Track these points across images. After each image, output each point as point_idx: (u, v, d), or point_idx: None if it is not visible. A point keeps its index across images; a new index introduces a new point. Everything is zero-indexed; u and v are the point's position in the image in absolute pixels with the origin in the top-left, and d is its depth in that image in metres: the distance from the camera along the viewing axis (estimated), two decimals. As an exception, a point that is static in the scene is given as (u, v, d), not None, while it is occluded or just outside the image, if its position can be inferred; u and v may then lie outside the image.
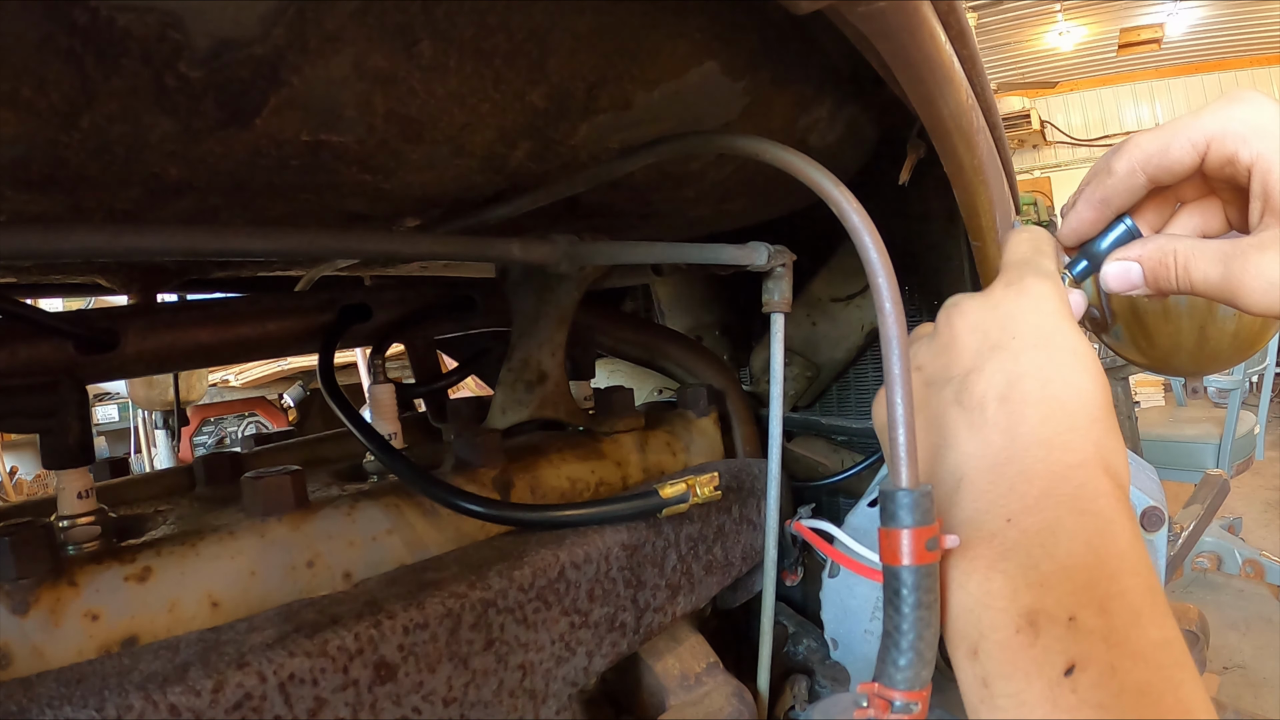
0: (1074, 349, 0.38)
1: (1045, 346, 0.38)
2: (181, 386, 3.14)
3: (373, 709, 0.41)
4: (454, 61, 0.34)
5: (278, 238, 0.40)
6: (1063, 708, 0.30)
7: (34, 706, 0.33)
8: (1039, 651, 0.31)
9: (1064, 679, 0.30)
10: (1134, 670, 0.30)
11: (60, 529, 0.48)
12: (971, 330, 0.41)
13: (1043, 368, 0.38)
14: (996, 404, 0.38)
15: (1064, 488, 0.35)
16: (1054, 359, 0.38)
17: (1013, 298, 0.41)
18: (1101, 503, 0.34)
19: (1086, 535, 0.33)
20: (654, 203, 0.65)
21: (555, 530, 0.55)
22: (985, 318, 0.41)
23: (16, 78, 0.27)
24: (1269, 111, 0.39)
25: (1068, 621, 0.31)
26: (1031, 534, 0.34)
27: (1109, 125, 8.47)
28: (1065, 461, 0.35)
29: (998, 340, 0.39)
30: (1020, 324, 0.39)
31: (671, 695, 0.62)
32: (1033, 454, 0.36)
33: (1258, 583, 2.77)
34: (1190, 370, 1.09)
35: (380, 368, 0.69)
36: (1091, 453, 0.36)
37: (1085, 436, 0.36)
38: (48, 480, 4.19)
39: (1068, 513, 0.34)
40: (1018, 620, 0.32)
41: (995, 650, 0.33)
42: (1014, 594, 0.33)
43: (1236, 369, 3.04)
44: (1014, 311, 0.40)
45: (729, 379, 0.87)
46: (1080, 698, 0.30)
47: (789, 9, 0.32)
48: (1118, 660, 0.30)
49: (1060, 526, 0.34)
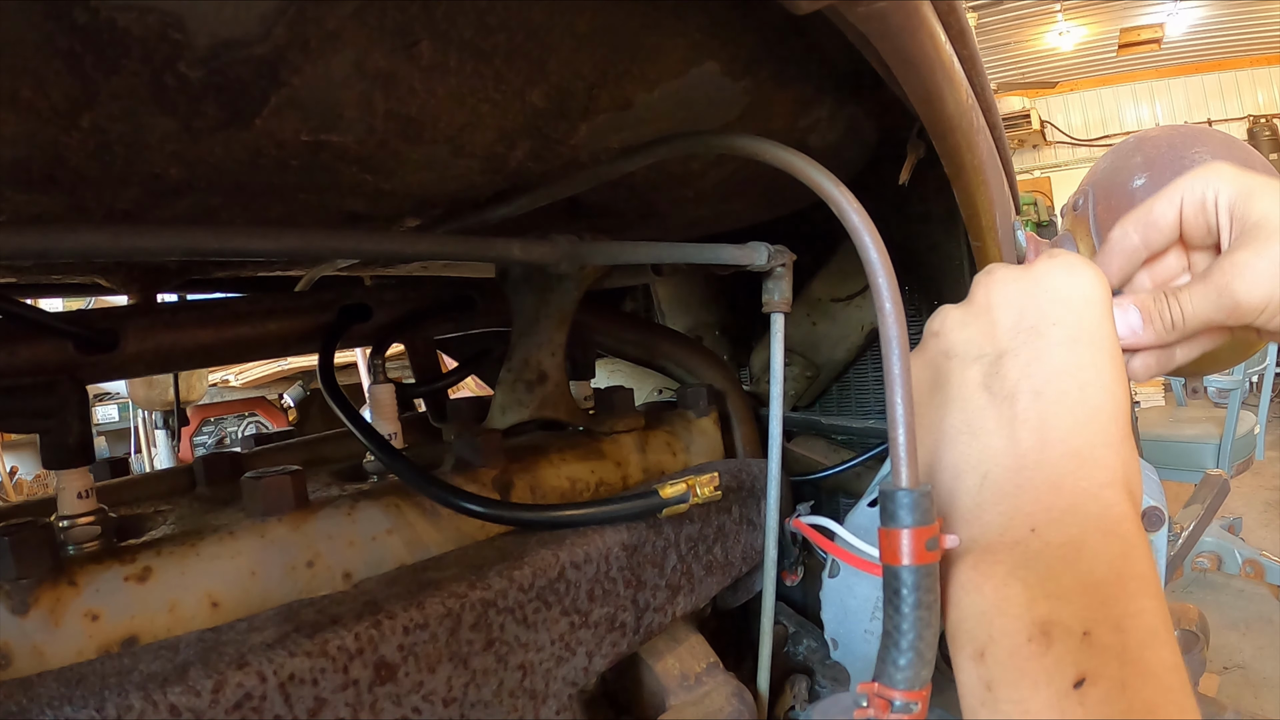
0: (1114, 353, 0.38)
1: (1087, 343, 0.37)
2: (181, 386, 3.14)
3: (373, 709, 0.40)
4: (454, 61, 0.34)
5: (278, 238, 0.40)
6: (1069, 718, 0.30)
7: (34, 706, 0.33)
8: (1050, 661, 0.31)
9: (1073, 690, 0.30)
10: (1143, 690, 0.30)
11: (60, 529, 0.48)
12: (1008, 305, 0.39)
13: (1083, 368, 0.37)
14: (1030, 398, 0.37)
15: (1092, 506, 0.34)
16: (1095, 360, 0.37)
17: (1059, 276, 0.39)
18: (1126, 526, 0.34)
19: (1110, 556, 0.33)
20: (654, 203, 0.65)
21: (555, 530, 0.55)
22: (1025, 294, 0.39)
23: (16, 78, 0.27)
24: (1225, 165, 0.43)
25: (1082, 635, 0.31)
26: (1055, 547, 0.34)
27: (1109, 125, 8.47)
28: (1096, 479, 0.35)
29: (1035, 324, 0.38)
30: (1063, 311, 0.38)
31: (671, 695, 0.62)
32: (1065, 465, 0.35)
33: (1258, 583, 2.77)
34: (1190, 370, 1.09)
35: (380, 368, 0.69)
36: (1120, 472, 0.35)
37: (1116, 454, 0.36)
38: (48, 480, 4.19)
39: (1094, 532, 0.34)
40: (1031, 629, 0.32)
41: (1004, 656, 0.33)
42: (1030, 603, 0.33)
43: (1236, 369, 3.04)
44: (1058, 296, 0.39)
45: (729, 379, 0.87)
46: (1087, 710, 0.30)
47: (789, 9, 0.32)
48: (1129, 678, 0.30)
49: (1085, 544, 0.34)
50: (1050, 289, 0.39)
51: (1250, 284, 0.40)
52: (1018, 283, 0.40)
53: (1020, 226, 0.65)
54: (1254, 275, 0.39)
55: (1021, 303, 0.39)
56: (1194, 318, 0.42)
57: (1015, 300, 0.39)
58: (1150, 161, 0.86)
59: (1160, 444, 3.08)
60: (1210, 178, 0.43)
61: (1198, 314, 0.42)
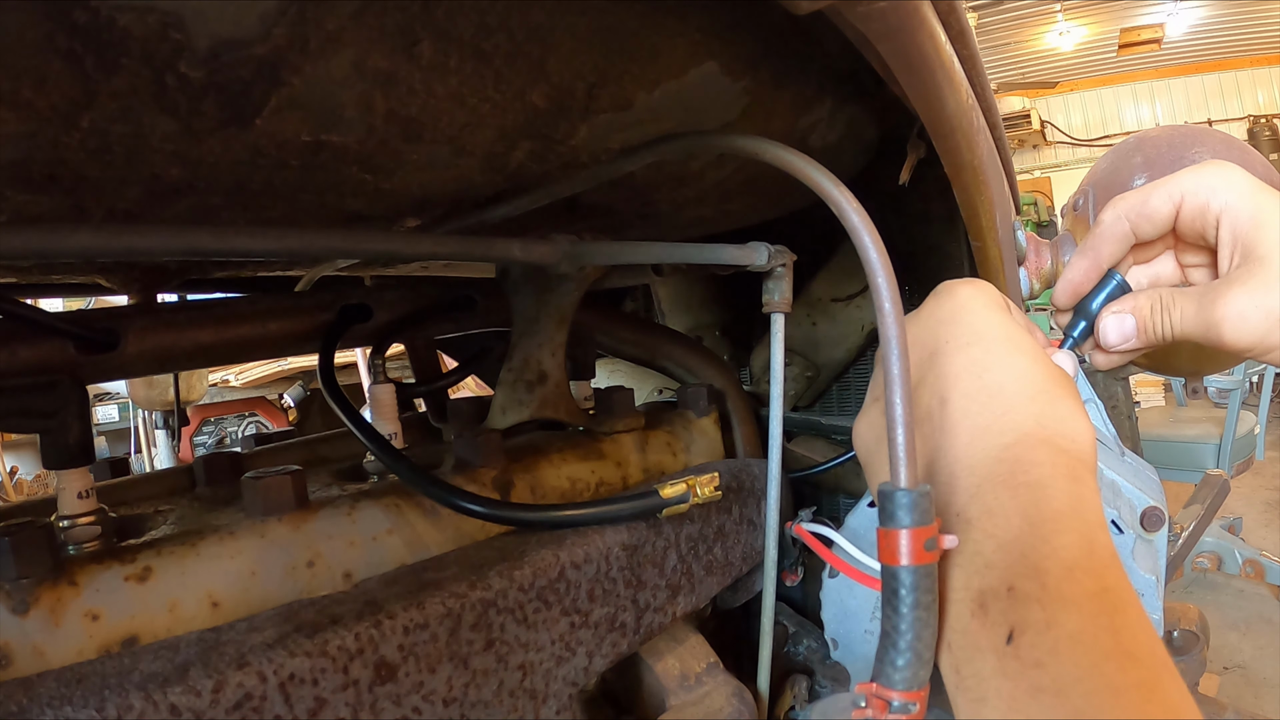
0: (1008, 337, 0.39)
1: (979, 341, 0.39)
2: (182, 386, 3.14)
3: (373, 709, 0.41)
4: (454, 61, 0.34)
5: (278, 238, 0.40)
6: (1010, 674, 0.31)
7: (34, 706, 0.33)
8: (988, 627, 0.32)
9: (1008, 647, 0.31)
10: (1067, 623, 0.30)
11: (60, 529, 0.48)
12: (911, 346, 0.42)
13: (977, 361, 0.39)
14: (939, 407, 0.39)
15: (999, 470, 0.35)
16: (989, 350, 0.39)
17: (941, 304, 0.42)
18: (1035, 472, 0.35)
19: (1021, 507, 0.34)
20: (654, 203, 0.65)
21: (555, 530, 0.55)
22: (919, 331, 0.42)
23: (16, 78, 0.27)
24: (1236, 172, 0.43)
25: (1007, 592, 0.32)
26: (974, 521, 0.35)
27: (1109, 125, 8.47)
28: (999, 444, 0.36)
29: (933, 348, 0.41)
30: (953, 326, 0.41)
31: (671, 695, 0.62)
32: (974, 444, 0.37)
33: (1258, 583, 2.77)
34: (1190, 370, 1.09)
35: (380, 368, 0.69)
36: (1031, 428, 0.36)
37: (1024, 413, 0.37)
38: (48, 480, 4.18)
39: (1003, 492, 0.35)
40: (972, 605, 0.33)
41: (959, 639, 0.34)
42: (967, 582, 0.34)
43: (1236, 369, 3.04)
44: (944, 318, 0.41)
45: (729, 379, 0.87)
46: (1022, 660, 0.30)
47: (789, 9, 0.32)
48: (1052, 615, 0.31)
49: (997, 507, 0.34)
50: (936, 317, 0.42)
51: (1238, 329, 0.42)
52: (914, 324, 0.43)
53: (1020, 226, 0.65)
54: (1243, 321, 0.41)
55: (920, 338, 0.42)
56: (1180, 335, 0.45)
57: (915, 338, 0.42)
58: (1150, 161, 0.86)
59: (1160, 444, 3.08)
60: (1217, 184, 0.43)
61: (1185, 332, 0.45)
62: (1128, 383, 2.81)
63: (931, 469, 0.38)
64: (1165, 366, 1.11)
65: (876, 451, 0.41)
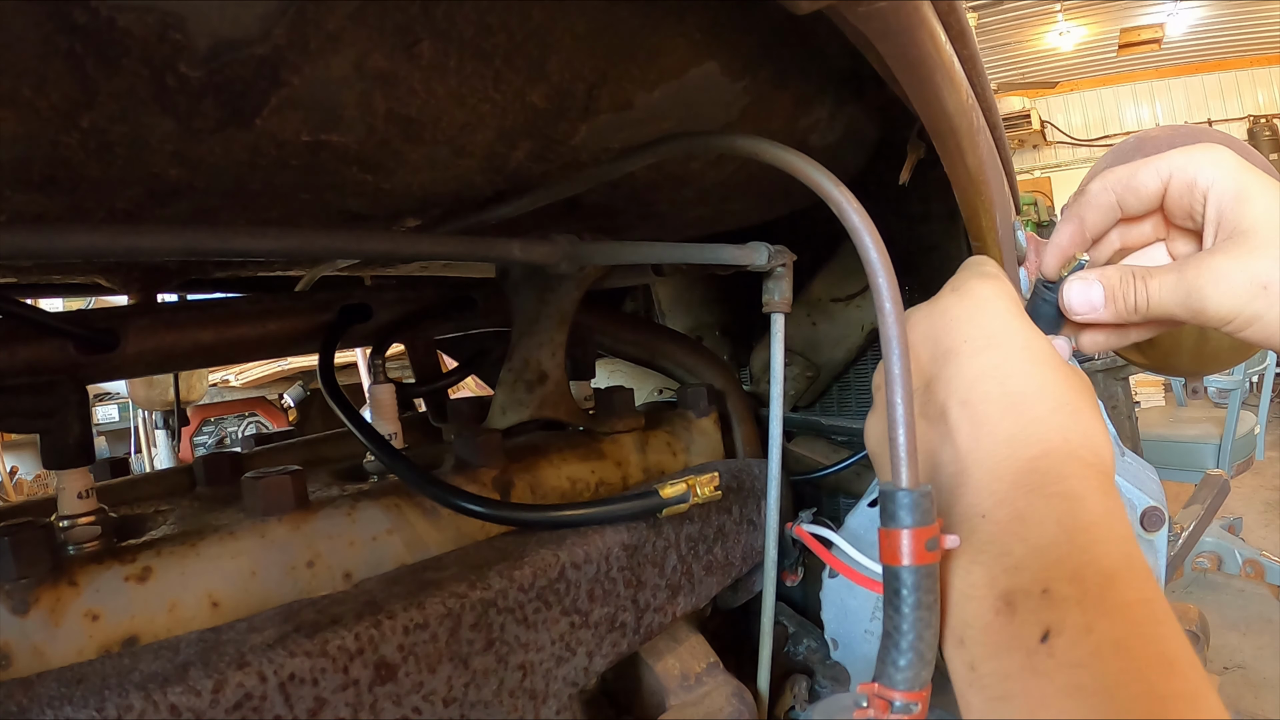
0: (1026, 344, 0.39)
1: (998, 346, 0.39)
2: (182, 386, 3.14)
3: (373, 709, 0.40)
4: (454, 61, 0.34)
5: (278, 238, 0.40)
6: (1042, 672, 0.31)
7: (34, 706, 0.33)
8: (1017, 625, 0.32)
9: (1041, 645, 0.31)
10: (1110, 629, 0.30)
11: (60, 529, 0.48)
12: (923, 340, 0.42)
13: (998, 366, 0.38)
14: (958, 409, 0.38)
15: (1030, 479, 0.35)
16: (1009, 357, 0.39)
17: (959, 301, 0.42)
18: (1068, 484, 0.35)
19: (1055, 516, 0.34)
20: (654, 203, 0.65)
21: (555, 530, 0.55)
22: (934, 326, 0.42)
23: (16, 78, 0.27)
24: (1225, 152, 0.43)
25: (1041, 594, 0.32)
26: (1003, 524, 0.35)
27: (1109, 125, 8.47)
28: (1029, 454, 0.36)
29: (949, 346, 0.40)
30: (970, 327, 0.40)
31: (672, 695, 0.62)
32: (999, 452, 0.37)
33: (1258, 583, 2.77)
34: (1190, 370, 1.09)
35: (380, 368, 0.69)
36: (1058, 442, 0.36)
37: (1049, 425, 0.37)
38: (48, 480, 4.19)
39: (1036, 499, 0.35)
40: (996, 604, 0.33)
41: (978, 635, 0.34)
42: (991, 581, 0.34)
43: (1236, 369, 3.04)
44: (961, 315, 0.41)
45: (729, 379, 0.87)
46: (1058, 660, 0.30)
47: (789, 9, 0.32)
48: (1093, 620, 0.31)
49: (1030, 513, 0.35)
50: (953, 314, 0.41)
51: (1222, 293, 0.41)
52: (928, 318, 0.42)
53: (1020, 226, 0.65)
54: (1227, 285, 0.40)
55: (934, 334, 0.41)
56: (1158, 306, 0.43)
57: (928, 333, 0.42)
58: (1150, 161, 0.86)
59: (1160, 444, 3.08)
60: (1205, 163, 0.43)
61: (1162, 304, 0.43)
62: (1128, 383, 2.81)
63: (947, 468, 0.38)
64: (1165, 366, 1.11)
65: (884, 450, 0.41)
